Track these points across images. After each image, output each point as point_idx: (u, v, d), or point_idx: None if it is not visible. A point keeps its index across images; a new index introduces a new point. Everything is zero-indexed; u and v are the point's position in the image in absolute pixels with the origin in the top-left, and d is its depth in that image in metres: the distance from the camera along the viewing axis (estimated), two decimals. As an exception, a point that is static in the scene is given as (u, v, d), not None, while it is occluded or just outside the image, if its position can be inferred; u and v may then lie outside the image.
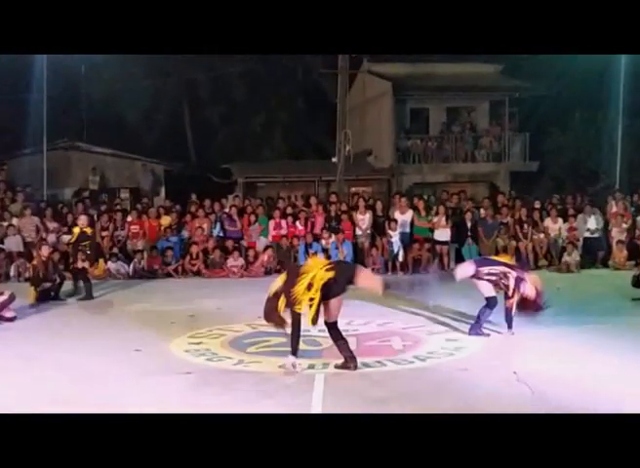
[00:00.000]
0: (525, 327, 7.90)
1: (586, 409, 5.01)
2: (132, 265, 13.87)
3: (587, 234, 14.46)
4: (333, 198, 15.73)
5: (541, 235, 14.38)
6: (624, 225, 14.41)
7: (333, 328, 6.47)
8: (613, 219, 14.55)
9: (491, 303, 7.76)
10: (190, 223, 14.83)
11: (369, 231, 14.49)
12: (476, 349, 7.26)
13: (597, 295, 10.55)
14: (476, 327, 7.82)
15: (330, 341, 7.61)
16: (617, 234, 14.29)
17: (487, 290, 7.76)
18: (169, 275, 13.73)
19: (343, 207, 15.19)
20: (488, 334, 7.81)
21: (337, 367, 6.45)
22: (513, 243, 14.26)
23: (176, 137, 26.09)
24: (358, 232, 14.55)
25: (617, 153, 18.63)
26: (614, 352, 6.83)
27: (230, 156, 23.67)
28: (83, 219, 12.00)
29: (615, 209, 14.79)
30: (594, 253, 14.35)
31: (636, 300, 9.84)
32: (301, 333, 8.01)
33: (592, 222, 14.52)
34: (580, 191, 17.59)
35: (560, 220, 14.62)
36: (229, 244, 14.26)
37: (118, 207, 16.21)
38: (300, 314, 6.18)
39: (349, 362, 6.41)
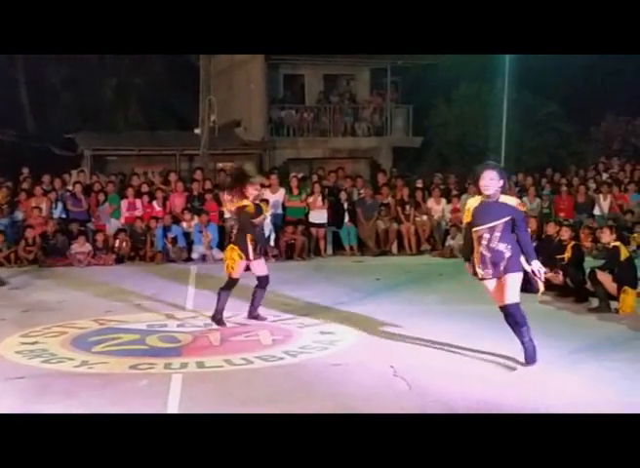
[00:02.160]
0: (401, 317, 8.18)
1: (468, 404, 5.27)
2: (-48, 253, 13.10)
3: (472, 216, 15.10)
4: (197, 175, 15.53)
5: (424, 217, 14.88)
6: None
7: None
8: (495, 200, 15.26)
9: None
10: (25, 203, 14.19)
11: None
12: (352, 343, 7.43)
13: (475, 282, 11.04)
14: None
15: (190, 337, 7.58)
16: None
17: None
18: (-1, 264, 13.09)
19: (208, 185, 15.04)
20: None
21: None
22: (395, 225, 14.69)
23: (7, 100, 24.70)
24: (226, 215, 14.44)
25: (502, 129, 19.53)
26: (495, 342, 7.18)
27: (75, 125, 22.80)
28: None
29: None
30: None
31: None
32: (158, 329, 7.95)
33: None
34: (464, 169, 18.31)
35: (443, 201, 15.19)
36: (74, 227, 13.78)
37: None
38: None
39: None
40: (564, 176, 16.75)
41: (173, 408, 5.36)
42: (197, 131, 18.09)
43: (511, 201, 6.35)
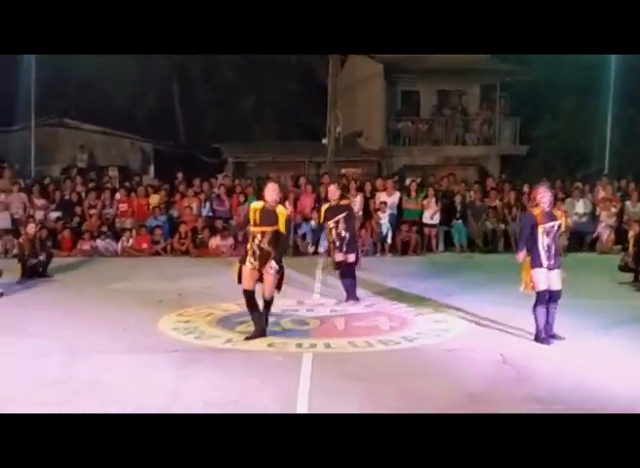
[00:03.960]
0: (511, 308, 7.94)
1: (572, 392, 5.06)
2: (120, 243, 13.82)
3: (575, 218, 14.53)
4: (325, 179, 15.65)
5: (530, 219, 14.39)
6: (613, 209, 14.50)
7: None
8: (601, 204, 14.64)
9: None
10: (179, 202, 14.77)
11: (360, 213, 14.47)
12: (463, 331, 7.29)
13: (584, 278, 10.57)
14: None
15: (317, 321, 7.67)
16: (605, 218, 14.39)
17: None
18: (157, 254, 13.69)
19: (334, 188, 15.11)
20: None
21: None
22: (502, 226, 14.33)
23: (165, 116, 25.88)
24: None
25: (606, 139, 18.68)
26: (600, 333, 6.88)
27: (220, 136, 23.52)
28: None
29: (602, 193, 14.88)
30: (582, 238, 14.43)
31: (624, 284, 9.92)
32: (291, 313, 8.07)
33: (580, 207, 14.61)
34: (569, 175, 17.61)
35: (548, 204, 14.64)
36: (219, 223, 14.21)
37: (107, 185, 16.10)
38: None
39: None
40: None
41: (305, 382, 5.44)
42: (324, 141, 18.27)
43: None
